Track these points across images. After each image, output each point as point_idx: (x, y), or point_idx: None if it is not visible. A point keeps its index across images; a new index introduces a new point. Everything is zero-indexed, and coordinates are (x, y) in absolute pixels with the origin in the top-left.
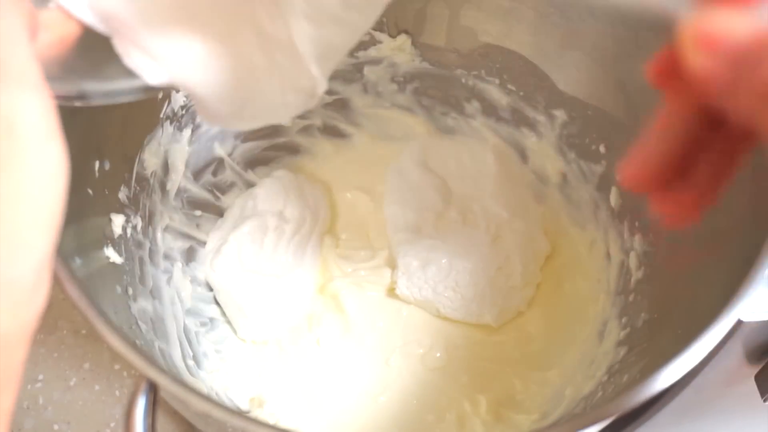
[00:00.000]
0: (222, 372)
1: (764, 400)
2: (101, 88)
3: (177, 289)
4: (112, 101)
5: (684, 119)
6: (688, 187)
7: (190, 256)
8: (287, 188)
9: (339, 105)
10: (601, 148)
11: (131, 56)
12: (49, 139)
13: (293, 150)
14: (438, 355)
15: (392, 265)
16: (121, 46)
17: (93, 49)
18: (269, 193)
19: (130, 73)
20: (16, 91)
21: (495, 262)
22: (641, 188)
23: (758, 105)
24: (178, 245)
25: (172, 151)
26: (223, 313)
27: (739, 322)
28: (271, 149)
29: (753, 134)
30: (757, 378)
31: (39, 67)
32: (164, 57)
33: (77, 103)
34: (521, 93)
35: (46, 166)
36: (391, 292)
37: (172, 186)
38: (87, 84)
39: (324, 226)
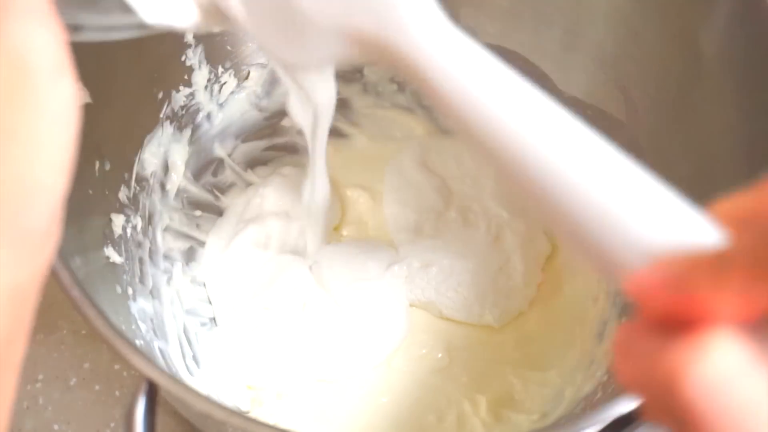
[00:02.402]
0: (222, 372)
1: None
2: (96, 21)
3: (177, 289)
4: (106, 37)
5: None
6: None
7: (190, 256)
8: (295, 186)
9: (339, 105)
10: None
11: None
12: (62, 74)
13: (293, 150)
14: (439, 356)
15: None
16: None
17: None
18: (277, 193)
19: (126, 9)
20: (26, 22)
21: (496, 262)
22: None
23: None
24: (178, 245)
25: (172, 151)
26: None
27: None
28: (271, 149)
29: None
30: None
31: None
32: None
33: (71, 36)
34: None
35: (58, 102)
36: None
37: (172, 186)
38: (82, 15)
39: (334, 220)
